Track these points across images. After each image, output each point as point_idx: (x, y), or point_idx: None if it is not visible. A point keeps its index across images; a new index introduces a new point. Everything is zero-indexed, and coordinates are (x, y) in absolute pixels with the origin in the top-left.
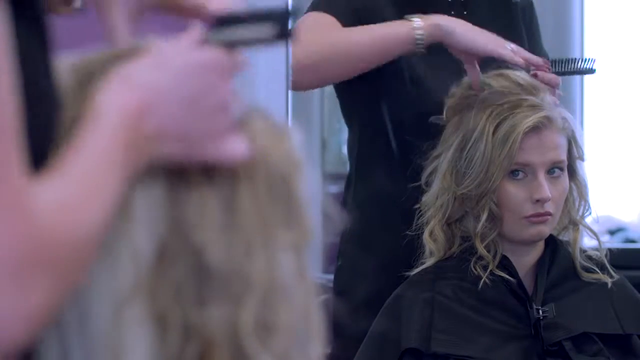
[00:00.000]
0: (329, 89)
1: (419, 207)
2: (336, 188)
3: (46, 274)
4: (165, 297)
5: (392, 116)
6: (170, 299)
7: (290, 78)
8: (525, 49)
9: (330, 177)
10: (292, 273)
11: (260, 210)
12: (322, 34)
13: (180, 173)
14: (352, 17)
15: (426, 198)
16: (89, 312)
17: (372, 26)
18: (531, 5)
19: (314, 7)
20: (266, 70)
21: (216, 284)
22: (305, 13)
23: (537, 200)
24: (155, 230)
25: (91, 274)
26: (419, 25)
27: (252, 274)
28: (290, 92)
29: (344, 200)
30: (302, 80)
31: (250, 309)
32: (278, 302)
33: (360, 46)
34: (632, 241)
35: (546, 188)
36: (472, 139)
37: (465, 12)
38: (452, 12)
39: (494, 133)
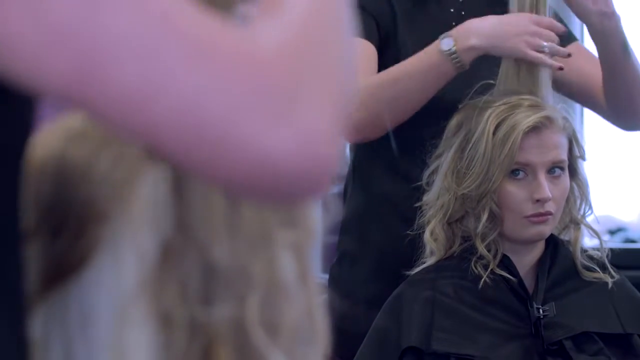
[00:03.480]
0: None
1: (420, 206)
2: (336, 188)
3: (308, 93)
4: (170, 295)
5: None
6: (175, 298)
7: None
8: None
9: None
10: (294, 272)
11: (262, 209)
12: (367, 81)
13: (184, 171)
14: (376, 31)
15: (427, 197)
16: (92, 311)
17: (411, 66)
18: None
19: None
20: None
21: (221, 282)
22: None
23: (538, 200)
24: (160, 229)
25: (95, 273)
26: (451, 51)
27: (254, 272)
28: None
29: (344, 197)
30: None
31: (254, 306)
32: (281, 300)
33: (407, 92)
34: (632, 241)
35: (546, 188)
36: (473, 139)
37: (463, 13)
38: (454, 23)
39: (494, 133)
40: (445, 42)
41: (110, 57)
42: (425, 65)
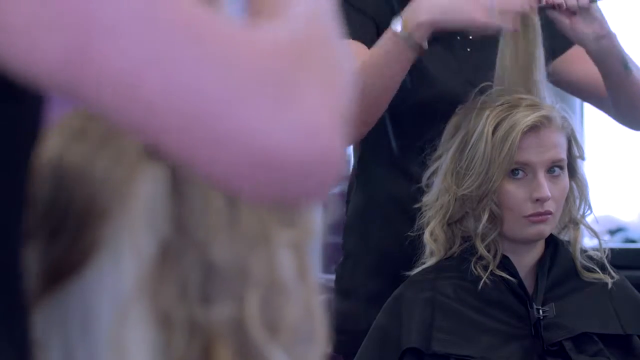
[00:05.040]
0: None
1: (420, 207)
2: (336, 188)
3: (309, 79)
4: (170, 295)
5: (392, 112)
6: (175, 298)
7: None
8: None
9: None
10: (294, 271)
11: (261, 208)
12: None
13: (183, 169)
14: (372, 29)
15: (427, 198)
16: (92, 311)
17: (373, 54)
18: None
19: None
20: None
21: (220, 281)
22: None
23: (537, 200)
24: (159, 228)
25: (94, 273)
26: (402, 33)
27: (254, 271)
28: None
29: (347, 197)
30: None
31: (254, 305)
32: (280, 299)
33: (373, 83)
34: (632, 241)
35: (546, 187)
36: (472, 140)
37: None
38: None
39: (493, 133)
40: (396, 23)
41: (105, 36)
42: (383, 51)
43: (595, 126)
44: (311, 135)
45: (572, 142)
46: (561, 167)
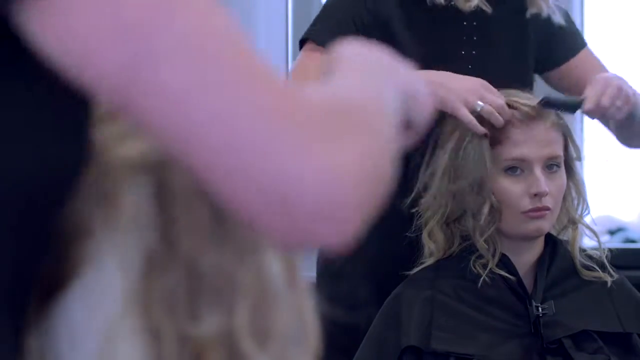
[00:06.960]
0: None
1: (417, 209)
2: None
3: (343, 136)
4: (158, 308)
5: None
6: (163, 310)
7: (290, 77)
8: (533, 59)
9: None
10: (283, 278)
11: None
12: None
13: (168, 180)
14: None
15: (424, 199)
16: (80, 327)
17: None
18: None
19: (308, 34)
20: None
21: (208, 293)
22: (305, 37)
23: (535, 195)
24: (145, 241)
25: (80, 289)
26: None
27: (243, 280)
28: None
29: None
30: None
31: (243, 314)
32: (270, 307)
33: None
34: (632, 241)
35: (543, 182)
36: (467, 139)
37: (474, 38)
38: (464, 37)
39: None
40: None
41: (163, 60)
42: None
43: (595, 126)
44: (332, 182)
45: (569, 141)
46: (558, 164)
